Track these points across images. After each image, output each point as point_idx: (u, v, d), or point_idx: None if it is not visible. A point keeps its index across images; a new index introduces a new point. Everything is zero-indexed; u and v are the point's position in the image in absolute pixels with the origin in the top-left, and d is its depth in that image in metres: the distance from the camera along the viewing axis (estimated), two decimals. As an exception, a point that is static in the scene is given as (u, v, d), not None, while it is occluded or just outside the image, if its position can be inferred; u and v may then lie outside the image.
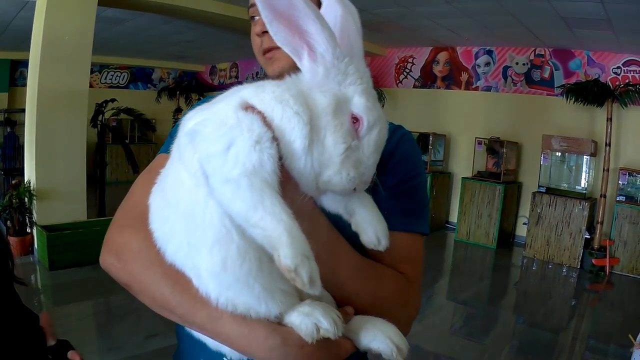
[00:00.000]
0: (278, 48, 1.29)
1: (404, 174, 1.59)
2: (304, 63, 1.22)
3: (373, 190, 1.38)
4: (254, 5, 1.64)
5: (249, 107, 1.12)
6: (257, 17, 1.69)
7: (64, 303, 6.92)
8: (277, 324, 1.21)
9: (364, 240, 1.31)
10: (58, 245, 7.89)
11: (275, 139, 1.10)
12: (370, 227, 1.30)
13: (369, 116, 1.20)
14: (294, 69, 1.25)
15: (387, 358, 1.28)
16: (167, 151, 1.50)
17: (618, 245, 9.99)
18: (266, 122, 1.11)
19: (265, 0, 1.15)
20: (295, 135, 1.12)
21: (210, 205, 1.11)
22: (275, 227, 1.02)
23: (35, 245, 8.54)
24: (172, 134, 1.59)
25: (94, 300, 7.14)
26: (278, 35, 1.19)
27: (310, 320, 1.17)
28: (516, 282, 10.00)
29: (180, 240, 1.20)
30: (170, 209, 1.22)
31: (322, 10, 1.30)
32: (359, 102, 1.20)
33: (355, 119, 1.19)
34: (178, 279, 1.25)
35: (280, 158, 1.12)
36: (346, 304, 1.35)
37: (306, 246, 1.03)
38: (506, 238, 12.13)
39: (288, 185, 1.14)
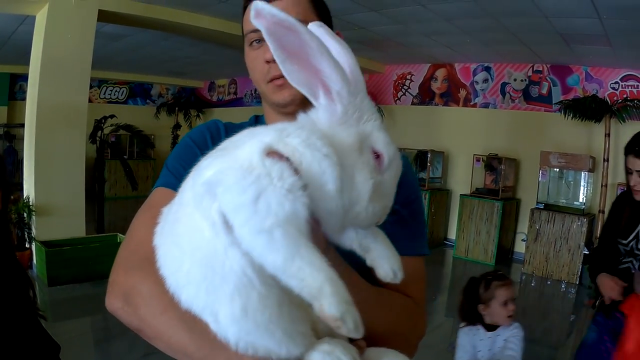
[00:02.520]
0: None
1: (403, 198, 1.57)
2: (321, 102, 1.21)
3: None
4: (256, 30, 1.62)
5: (273, 153, 1.09)
6: (259, 42, 1.69)
7: (63, 319, 6.90)
8: None
9: (380, 274, 1.31)
10: (57, 261, 7.87)
11: (305, 185, 1.08)
12: (387, 262, 1.30)
13: (389, 151, 1.22)
14: (304, 96, 1.25)
15: None
16: (166, 185, 1.54)
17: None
18: (294, 169, 1.08)
19: (276, 41, 1.14)
20: (327, 178, 1.10)
21: (231, 255, 1.08)
22: (316, 278, 1.00)
23: (34, 261, 8.52)
24: (167, 164, 1.64)
25: (93, 316, 7.13)
26: (292, 75, 1.19)
27: (331, 358, 1.17)
28: (515, 298, 10.00)
29: (197, 287, 1.16)
30: (184, 256, 1.17)
31: None
32: (379, 137, 1.22)
33: (376, 155, 1.20)
34: (195, 324, 1.20)
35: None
36: None
37: (347, 293, 1.03)
38: (505, 254, 12.12)
39: (312, 226, 1.12)
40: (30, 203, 8.25)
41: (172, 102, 19.43)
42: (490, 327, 3.99)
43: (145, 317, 1.34)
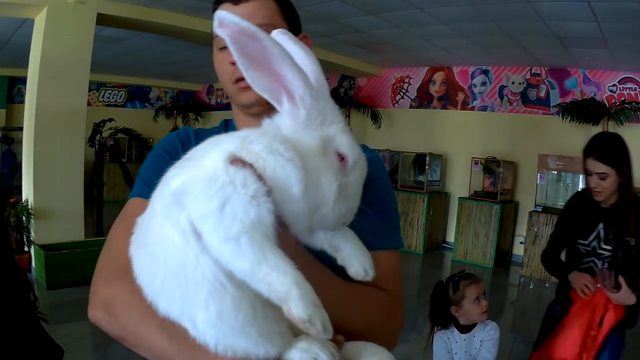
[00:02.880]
0: None
1: (374, 194, 1.65)
2: (285, 107, 1.24)
3: None
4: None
5: (237, 161, 1.12)
6: (224, 45, 1.71)
7: (62, 323, 6.88)
8: None
9: (352, 273, 1.34)
10: (56, 264, 7.86)
11: (269, 191, 1.11)
12: (357, 261, 1.34)
13: (353, 153, 1.25)
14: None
15: None
16: (140, 195, 1.57)
17: None
18: (258, 175, 1.11)
19: (240, 49, 1.17)
20: (291, 181, 1.13)
21: (203, 262, 1.11)
22: (283, 281, 1.03)
23: (33, 265, 8.51)
24: (140, 174, 1.68)
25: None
26: (255, 82, 1.22)
27: (309, 355, 1.20)
28: (513, 301, 10.01)
29: (172, 295, 1.20)
30: (157, 265, 1.21)
31: None
32: (343, 140, 1.26)
33: (340, 157, 1.24)
34: (174, 329, 1.24)
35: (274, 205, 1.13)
36: (338, 330, 1.34)
37: (314, 295, 1.06)
38: (503, 257, 12.13)
39: (279, 229, 1.14)
40: (29, 206, 8.25)
41: (170, 106, 19.46)
42: (466, 328, 3.98)
43: (126, 325, 1.38)
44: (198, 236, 1.09)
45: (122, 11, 8.66)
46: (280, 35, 1.35)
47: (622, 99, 10.64)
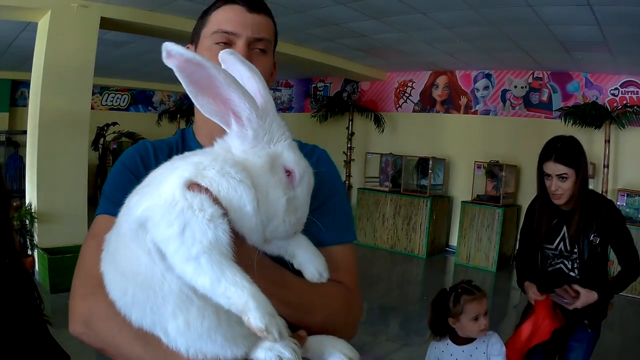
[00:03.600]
0: None
1: (326, 192, 1.75)
2: (233, 128, 1.35)
3: None
4: (227, 32, 1.75)
5: (194, 185, 1.21)
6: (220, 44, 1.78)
7: (65, 326, 6.85)
8: None
9: (307, 276, 1.50)
10: (59, 268, 7.83)
11: (225, 213, 1.21)
12: (312, 265, 1.50)
13: (299, 168, 1.37)
14: None
15: None
16: (106, 212, 1.62)
17: (617, 266, 9.90)
18: (213, 198, 1.21)
19: (187, 77, 1.28)
20: (244, 201, 1.24)
21: (169, 278, 1.22)
22: (241, 295, 1.13)
23: (36, 268, 8.52)
24: (105, 192, 1.73)
25: None
26: (204, 107, 1.33)
27: (273, 354, 1.30)
28: (516, 304, 9.98)
29: (143, 308, 1.29)
30: (127, 281, 1.30)
31: None
32: (289, 156, 1.37)
33: (288, 172, 1.36)
34: (148, 338, 1.34)
35: (230, 222, 1.22)
36: (301, 324, 1.49)
37: (269, 306, 1.16)
38: (506, 261, 12.08)
39: (236, 244, 1.23)
40: (32, 210, 8.25)
41: (174, 109, 19.38)
42: (466, 339, 3.78)
43: (104, 338, 1.46)
44: (163, 256, 1.19)
45: (126, 15, 8.68)
46: (228, 56, 1.48)
47: (624, 102, 10.67)
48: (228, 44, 1.74)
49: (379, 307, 8.55)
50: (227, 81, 1.27)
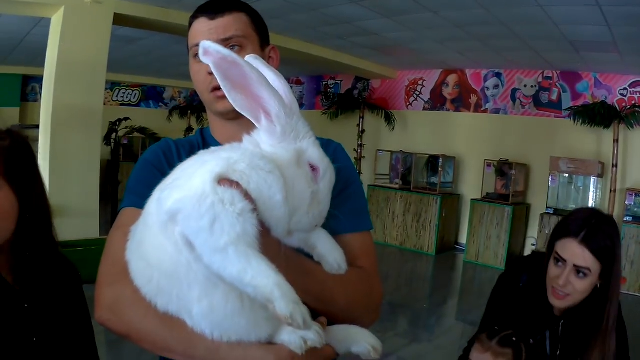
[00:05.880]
0: None
1: (343, 183, 1.80)
2: (263, 124, 1.43)
3: None
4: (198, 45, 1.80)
5: (224, 181, 1.27)
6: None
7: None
8: (269, 343, 1.40)
9: (327, 267, 1.55)
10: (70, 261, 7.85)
11: (254, 208, 1.26)
12: (331, 257, 1.55)
13: (323, 164, 1.45)
14: None
15: (366, 358, 1.51)
16: (131, 205, 1.69)
17: (625, 265, 9.94)
18: (244, 193, 1.26)
19: (222, 73, 1.36)
20: (273, 190, 1.30)
21: (195, 268, 1.28)
22: (267, 284, 1.17)
23: (48, 261, 8.53)
24: (129, 186, 1.81)
25: None
26: (237, 102, 1.41)
27: (297, 336, 1.37)
28: None
29: (169, 295, 1.37)
30: (153, 270, 1.37)
31: None
32: (314, 153, 1.45)
33: (312, 167, 1.44)
34: (174, 322, 1.40)
35: (258, 214, 1.28)
36: (324, 311, 1.55)
37: (294, 294, 1.20)
38: (514, 259, 12.01)
39: (263, 235, 1.29)
40: (45, 204, 8.26)
41: (184, 106, 19.41)
42: None
43: (130, 322, 1.50)
44: (191, 247, 1.25)
45: (139, 11, 8.72)
46: (254, 60, 1.53)
47: (633, 102, 10.69)
48: None
49: (387, 303, 8.58)
50: (260, 80, 1.36)
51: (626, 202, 10.29)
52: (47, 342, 1.90)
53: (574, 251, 2.54)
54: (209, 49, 1.32)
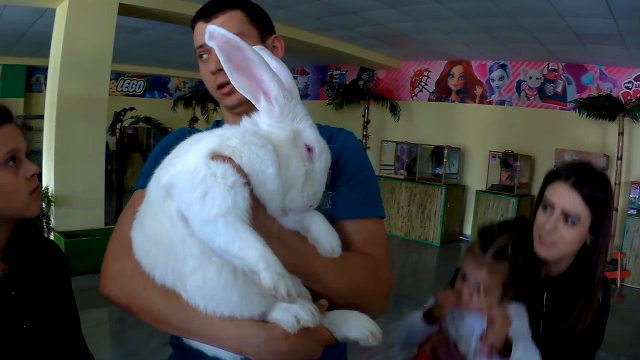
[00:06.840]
0: None
1: (354, 168, 1.86)
2: (262, 105, 1.49)
3: (332, 188, 1.78)
4: (202, 45, 1.91)
5: (217, 156, 1.32)
6: (205, 56, 1.96)
7: (81, 309, 6.86)
8: (262, 321, 1.43)
9: (321, 250, 1.56)
10: (76, 251, 7.83)
11: (246, 182, 1.30)
12: (325, 240, 1.56)
13: (319, 145, 1.50)
14: (248, 100, 1.51)
15: (364, 344, 1.52)
16: (142, 187, 1.71)
17: (629, 258, 10.05)
18: (236, 167, 1.31)
19: (226, 56, 1.42)
20: (265, 164, 1.34)
21: (190, 242, 1.35)
22: (252, 255, 1.21)
23: (53, 251, 8.53)
24: (143, 170, 1.88)
25: (110, 307, 7.08)
26: (238, 83, 1.47)
27: (290, 314, 1.40)
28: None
29: (165, 267, 1.45)
30: (150, 243, 1.46)
31: None
32: (310, 134, 1.50)
33: (308, 148, 1.48)
34: (170, 295, 1.48)
35: (252, 190, 1.32)
36: (329, 295, 1.58)
37: (280, 266, 1.23)
38: (519, 251, 11.99)
39: (257, 212, 1.36)
40: (50, 194, 8.30)
41: (189, 96, 19.41)
42: None
43: (131, 294, 1.58)
44: (185, 221, 1.31)
45: (144, 1, 8.71)
46: (259, 50, 1.56)
47: (638, 95, 10.67)
48: (208, 54, 1.94)
49: (392, 294, 8.54)
50: (260, 63, 1.42)
51: (630, 195, 10.32)
52: (37, 330, 1.91)
53: (563, 194, 2.37)
54: (214, 32, 1.37)
